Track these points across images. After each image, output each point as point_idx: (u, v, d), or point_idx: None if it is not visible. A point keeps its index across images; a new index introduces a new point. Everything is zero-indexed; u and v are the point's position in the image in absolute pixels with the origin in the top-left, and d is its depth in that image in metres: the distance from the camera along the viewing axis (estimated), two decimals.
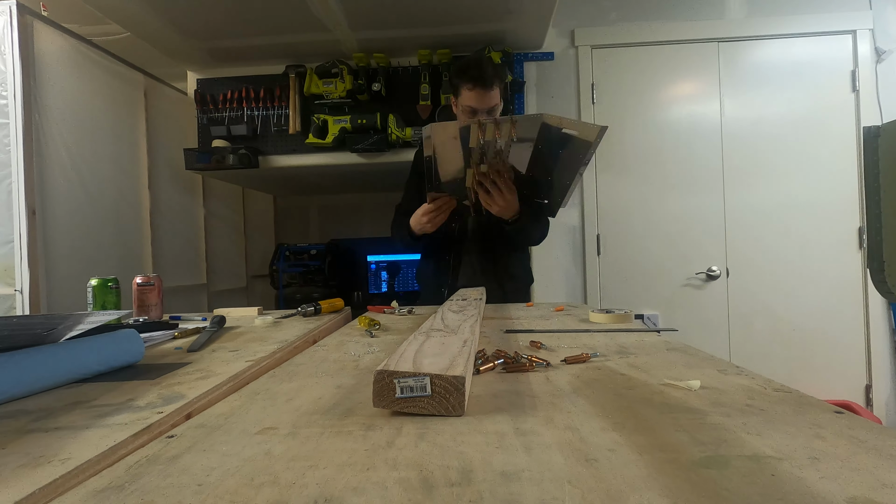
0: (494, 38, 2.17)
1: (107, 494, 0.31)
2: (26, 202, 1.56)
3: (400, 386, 0.42)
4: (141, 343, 0.69)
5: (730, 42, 2.31)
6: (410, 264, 3.07)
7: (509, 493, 0.30)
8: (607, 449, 0.36)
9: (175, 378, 0.62)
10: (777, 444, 0.37)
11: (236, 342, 0.88)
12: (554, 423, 0.42)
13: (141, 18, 1.90)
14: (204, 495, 0.31)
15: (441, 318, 0.77)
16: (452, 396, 0.42)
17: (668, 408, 0.45)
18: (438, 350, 0.51)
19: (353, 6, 1.87)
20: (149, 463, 0.36)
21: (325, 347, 0.80)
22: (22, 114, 1.56)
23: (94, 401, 0.53)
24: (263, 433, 0.42)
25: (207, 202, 2.59)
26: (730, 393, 0.49)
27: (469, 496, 0.30)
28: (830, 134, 2.27)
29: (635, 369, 0.60)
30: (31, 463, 0.37)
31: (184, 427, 0.44)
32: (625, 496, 0.29)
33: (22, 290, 1.56)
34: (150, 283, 1.19)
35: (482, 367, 0.56)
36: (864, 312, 2.23)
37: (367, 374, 0.61)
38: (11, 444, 0.41)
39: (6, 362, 0.52)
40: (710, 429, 0.40)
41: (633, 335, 0.83)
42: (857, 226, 2.24)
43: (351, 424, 0.43)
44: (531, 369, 0.59)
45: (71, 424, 0.46)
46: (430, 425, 0.42)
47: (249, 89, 2.25)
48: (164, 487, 0.32)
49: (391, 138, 2.15)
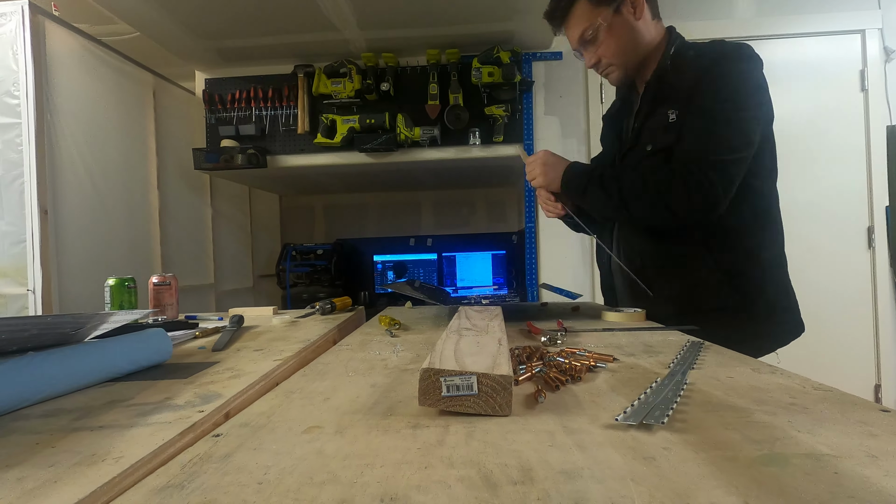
0: (503, 37, 2.17)
1: (169, 493, 0.31)
2: (38, 202, 1.56)
3: (446, 384, 0.42)
4: (169, 342, 0.69)
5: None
6: (416, 264, 3.08)
7: (575, 491, 0.30)
8: (662, 447, 0.36)
9: (207, 377, 0.62)
10: (831, 442, 0.37)
11: (258, 341, 0.88)
12: (600, 421, 0.42)
13: (151, 18, 1.90)
14: (266, 493, 0.31)
15: (466, 317, 0.76)
16: (500, 396, 0.42)
17: (711, 406, 0.45)
18: (476, 349, 0.51)
19: (363, 6, 1.87)
20: (202, 461, 0.36)
21: (348, 347, 0.80)
22: (34, 113, 1.56)
23: (130, 399, 0.53)
24: (310, 432, 0.42)
25: (215, 202, 2.60)
26: (770, 391, 0.49)
27: (535, 494, 0.30)
28: (839, 134, 2.27)
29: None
30: (85, 461, 0.37)
31: (228, 426, 0.44)
32: (692, 493, 0.29)
33: (34, 289, 1.56)
34: (166, 283, 1.19)
35: (521, 378, 0.54)
36: (873, 312, 2.23)
37: (400, 374, 0.61)
38: (60, 443, 0.41)
39: (43, 361, 0.52)
40: (760, 427, 0.40)
41: (656, 334, 0.83)
42: (867, 225, 2.24)
43: (396, 423, 0.43)
44: (567, 383, 0.53)
45: (114, 423, 0.46)
46: (476, 424, 0.42)
47: (258, 89, 2.25)
48: (224, 486, 0.32)
49: (400, 138, 2.15)
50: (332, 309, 1.25)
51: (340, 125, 2.18)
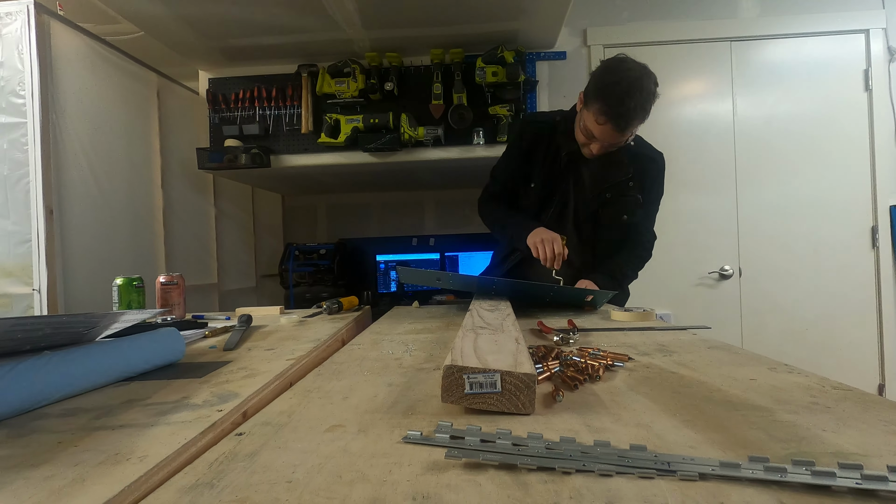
0: (507, 37, 2.16)
1: (200, 492, 0.31)
2: (44, 201, 1.56)
3: (469, 382, 0.42)
4: (182, 342, 0.69)
5: (742, 41, 2.31)
6: (419, 264, 3.07)
7: (607, 490, 0.30)
8: (688, 446, 0.36)
9: (222, 376, 0.62)
10: (857, 441, 0.37)
11: (269, 341, 0.88)
12: (623, 420, 0.42)
13: (155, 17, 1.89)
14: (298, 492, 0.31)
15: (479, 316, 0.76)
16: (523, 394, 0.42)
17: (731, 405, 0.45)
18: (494, 347, 0.51)
19: (368, 5, 1.87)
20: (228, 460, 0.36)
21: (360, 346, 0.80)
22: (39, 113, 1.56)
23: (147, 399, 0.53)
24: (333, 431, 0.42)
25: (218, 201, 2.59)
26: (789, 391, 0.49)
27: (567, 493, 0.30)
28: (843, 133, 2.26)
29: (685, 367, 0.60)
30: (110, 460, 0.37)
31: (249, 425, 0.44)
32: (725, 492, 0.29)
33: (40, 289, 1.55)
34: (173, 283, 1.19)
35: (540, 378, 0.54)
36: (877, 312, 2.23)
37: (415, 373, 0.61)
38: (82, 442, 0.41)
39: (61, 361, 0.52)
40: (784, 426, 0.40)
41: (668, 334, 0.83)
42: (871, 225, 2.24)
43: (419, 422, 0.43)
44: (583, 382, 0.53)
45: (134, 422, 0.46)
46: (498, 423, 0.42)
47: (261, 88, 2.25)
48: (254, 485, 0.32)
49: (403, 138, 2.14)
50: (339, 308, 1.25)
51: (344, 125, 2.18)
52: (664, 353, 0.68)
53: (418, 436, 0.38)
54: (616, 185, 1.35)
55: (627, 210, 1.36)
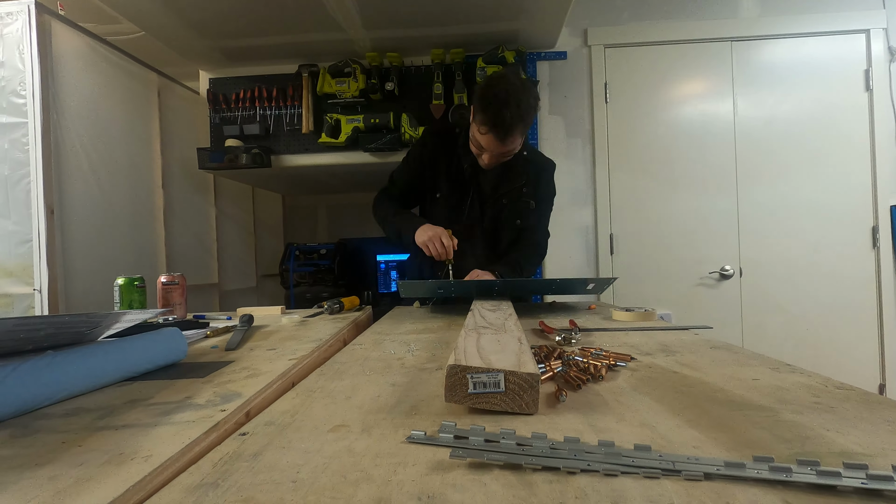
0: (508, 37, 2.16)
1: (204, 491, 0.31)
2: (45, 201, 1.56)
3: (473, 381, 0.42)
4: (184, 342, 0.69)
5: (743, 41, 2.31)
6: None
7: (612, 490, 0.30)
8: (692, 446, 0.36)
9: (224, 376, 0.62)
10: (861, 441, 0.37)
11: (270, 341, 0.88)
12: (627, 420, 0.42)
13: (156, 17, 1.89)
14: (303, 492, 0.31)
15: (481, 316, 0.76)
16: (526, 394, 0.42)
17: (735, 405, 0.45)
18: (497, 347, 0.51)
19: (368, 5, 1.87)
20: (232, 460, 0.36)
21: (362, 346, 0.80)
22: (40, 113, 1.56)
23: (150, 399, 0.53)
24: (336, 431, 0.42)
25: (219, 201, 2.59)
26: (792, 391, 0.49)
27: (572, 493, 0.30)
28: (844, 133, 2.26)
29: (687, 367, 0.60)
30: (114, 460, 0.37)
31: (253, 424, 0.44)
32: (731, 492, 0.29)
33: (41, 288, 1.55)
34: (174, 283, 1.19)
35: (543, 377, 0.54)
36: (878, 312, 2.23)
37: (418, 373, 0.61)
38: (86, 442, 0.41)
39: (64, 360, 0.52)
40: (788, 426, 0.40)
41: (670, 334, 0.83)
42: (871, 225, 2.24)
43: (422, 422, 0.43)
44: (585, 382, 0.53)
45: (137, 422, 0.46)
46: (502, 423, 0.42)
47: (262, 88, 2.25)
48: (259, 484, 0.32)
49: (404, 137, 2.14)
50: (340, 308, 1.25)
51: (345, 125, 2.18)
52: (666, 353, 0.68)
53: (422, 436, 0.38)
54: (511, 192, 1.45)
55: (521, 215, 1.47)
